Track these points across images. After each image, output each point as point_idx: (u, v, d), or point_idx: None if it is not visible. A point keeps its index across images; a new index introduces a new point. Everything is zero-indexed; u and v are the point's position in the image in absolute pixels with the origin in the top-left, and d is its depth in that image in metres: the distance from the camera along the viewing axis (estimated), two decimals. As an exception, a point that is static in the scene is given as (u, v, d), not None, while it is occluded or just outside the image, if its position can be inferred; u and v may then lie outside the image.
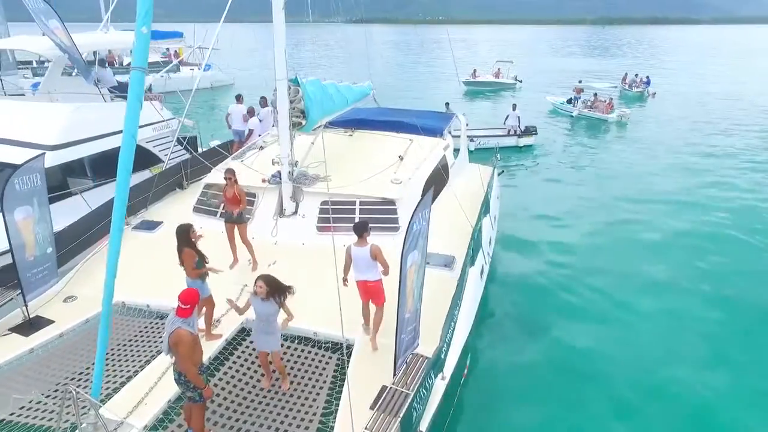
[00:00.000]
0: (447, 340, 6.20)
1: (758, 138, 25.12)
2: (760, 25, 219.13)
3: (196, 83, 12.02)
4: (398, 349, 5.49)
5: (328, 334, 6.76)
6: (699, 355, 9.10)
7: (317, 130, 10.16)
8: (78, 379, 6.18)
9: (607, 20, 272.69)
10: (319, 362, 6.51)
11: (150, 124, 12.69)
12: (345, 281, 6.57)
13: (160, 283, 7.51)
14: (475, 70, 40.77)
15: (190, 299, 4.79)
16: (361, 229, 6.45)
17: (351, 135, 11.90)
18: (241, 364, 6.46)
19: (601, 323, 10.03)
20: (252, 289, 5.84)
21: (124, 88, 13.47)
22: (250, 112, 14.28)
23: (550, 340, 9.43)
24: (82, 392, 4.37)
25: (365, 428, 4.92)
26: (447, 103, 22.86)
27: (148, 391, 5.69)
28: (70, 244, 8.49)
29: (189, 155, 12.83)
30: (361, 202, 8.82)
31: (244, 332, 6.97)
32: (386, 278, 6.59)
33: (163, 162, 12.25)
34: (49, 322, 6.99)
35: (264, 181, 9.27)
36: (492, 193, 11.35)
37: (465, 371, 7.17)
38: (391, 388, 5.39)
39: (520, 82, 40.96)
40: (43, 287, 7.32)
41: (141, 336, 6.99)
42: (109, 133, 11.22)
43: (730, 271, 12.02)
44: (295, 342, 6.82)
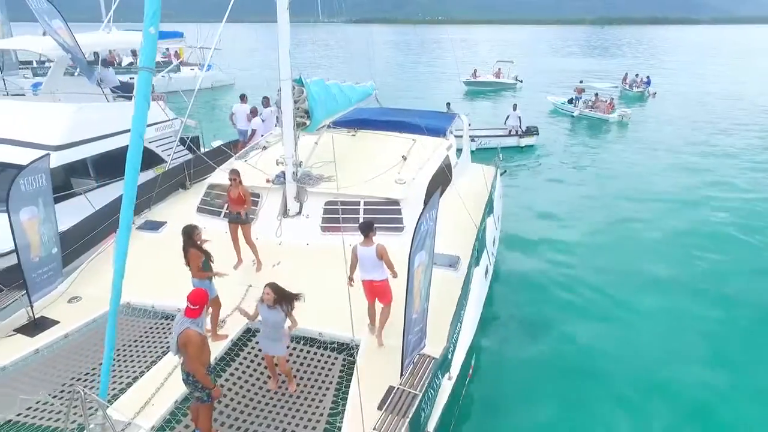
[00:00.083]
0: (453, 340, 6.20)
1: (758, 138, 25.14)
2: (759, 25, 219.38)
3: (198, 83, 11.99)
4: (405, 350, 5.49)
5: (334, 334, 6.76)
6: (701, 353, 9.12)
7: (321, 130, 10.16)
8: (84, 380, 6.17)
9: (606, 20, 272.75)
10: (325, 363, 6.50)
11: (153, 124, 12.67)
12: (351, 281, 6.56)
13: (164, 284, 7.51)
14: (475, 70, 40.76)
15: (199, 300, 4.79)
16: (367, 229, 6.45)
17: (354, 135, 11.90)
18: (248, 365, 6.46)
19: (604, 322, 10.04)
20: (260, 296, 5.84)
21: (127, 88, 13.48)
22: (253, 112, 14.27)
23: (554, 339, 9.44)
24: (90, 393, 4.36)
25: (374, 429, 4.91)
26: (448, 103, 22.82)
27: (155, 392, 5.68)
28: (74, 245, 8.48)
29: (191, 155, 12.84)
30: (366, 203, 8.82)
31: (250, 333, 6.96)
32: (392, 278, 6.61)
33: (166, 162, 12.23)
34: (54, 322, 6.98)
35: (268, 181, 9.27)
36: (495, 193, 11.35)
37: (470, 371, 7.17)
38: (398, 389, 5.38)
39: (521, 82, 40.94)
40: (48, 288, 7.31)
41: (146, 336, 6.99)
42: (112, 134, 11.21)
43: (731, 270, 12.04)
44: (301, 343, 6.82)
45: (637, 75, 39.04)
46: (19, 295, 7.05)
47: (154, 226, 9.48)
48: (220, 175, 9.90)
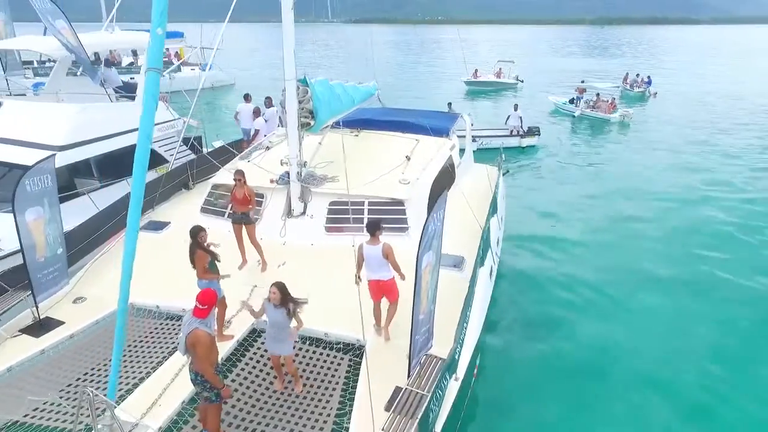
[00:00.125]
0: (460, 340, 6.20)
1: (758, 138, 25.19)
2: (759, 25, 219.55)
3: (201, 83, 12.00)
4: (412, 351, 5.48)
5: (340, 335, 6.75)
6: (704, 353, 9.14)
7: (324, 130, 10.15)
8: (90, 381, 6.16)
9: (606, 20, 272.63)
10: (331, 363, 6.50)
11: (156, 124, 12.65)
12: (358, 279, 6.58)
13: (169, 284, 7.50)
14: (476, 70, 40.74)
15: (208, 300, 4.78)
16: (373, 228, 6.49)
17: (357, 135, 11.88)
18: (254, 366, 6.46)
19: (607, 321, 10.07)
20: (266, 295, 5.84)
21: (130, 88, 13.46)
22: (256, 113, 14.27)
23: (557, 338, 9.46)
24: (99, 394, 4.35)
25: (382, 430, 4.91)
26: (449, 103, 22.79)
27: (162, 392, 5.67)
28: (78, 245, 8.47)
29: (194, 155, 12.82)
30: (370, 203, 8.81)
31: (256, 333, 6.96)
32: (398, 279, 6.62)
33: (169, 162, 12.22)
34: (59, 323, 6.97)
35: (272, 181, 9.25)
36: (499, 193, 11.35)
37: (475, 371, 7.17)
38: (406, 389, 5.38)
39: (522, 81, 40.91)
40: (53, 288, 7.29)
41: (152, 337, 6.98)
42: (116, 134, 11.20)
43: (734, 269, 12.08)
44: (307, 343, 6.81)
45: (637, 75, 39.04)
46: (25, 295, 7.04)
47: (158, 226, 9.47)
48: (224, 175, 9.90)
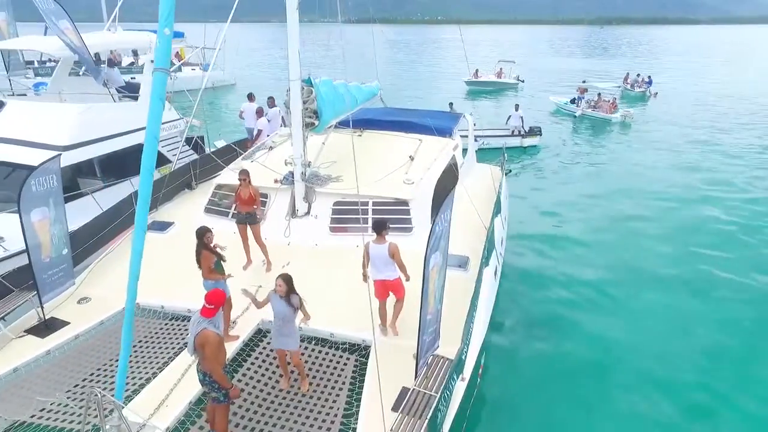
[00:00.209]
0: (467, 340, 6.20)
1: (758, 138, 25.21)
2: (758, 25, 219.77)
3: (203, 83, 11.99)
4: (420, 351, 5.48)
5: (345, 335, 6.74)
6: (709, 351, 9.17)
7: (327, 130, 10.14)
8: (96, 381, 6.15)
9: (605, 20, 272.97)
10: (337, 363, 6.49)
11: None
12: (365, 277, 6.61)
13: (174, 285, 7.49)
14: (477, 70, 40.75)
15: (215, 300, 4.78)
16: (380, 227, 6.52)
17: (360, 135, 11.87)
18: (260, 365, 6.45)
19: (610, 320, 10.08)
20: (273, 288, 5.86)
21: (132, 88, 13.44)
22: (259, 113, 14.27)
23: (561, 337, 9.48)
24: (106, 394, 4.34)
25: (390, 430, 4.90)
26: (451, 103, 22.78)
27: (169, 393, 5.66)
28: (82, 245, 8.45)
29: (196, 155, 12.80)
30: (374, 203, 8.80)
31: (261, 333, 6.95)
32: (404, 280, 6.63)
33: (172, 162, 12.21)
34: (64, 323, 6.95)
35: (276, 181, 9.24)
36: (502, 193, 11.35)
37: (480, 371, 7.17)
38: (414, 390, 5.37)
39: (522, 81, 40.93)
40: (59, 288, 7.27)
41: (157, 337, 6.97)
42: (119, 134, 11.19)
43: (739, 268, 12.13)
44: (312, 343, 6.80)
45: (638, 75, 39.07)
46: (30, 296, 7.02)
47: (162, 226, 9.45)
48: (227, 175, 9.89)
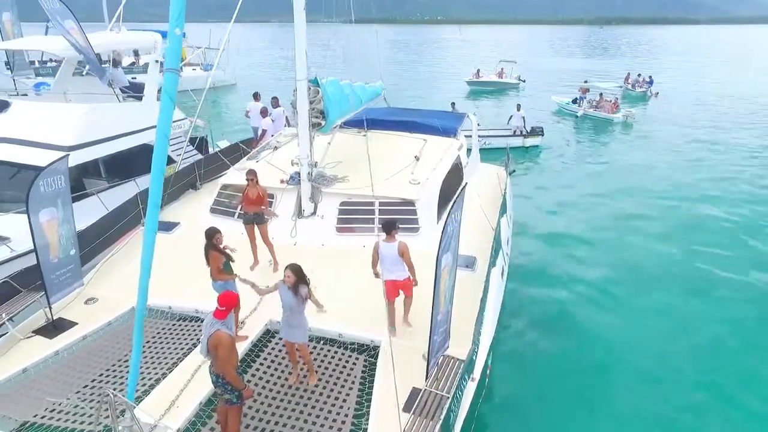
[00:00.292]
0: (477, 341, 6.20)
1: (758, 137, 25.26)
2: (757, 26, 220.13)
3: (207, 83, 11.97)
4: (430, 351, 5.47)
5: (354, 335, 6.74)
6: (716, 350, 9.22)
7: (333, 130, 10.14)
8: (105, 382, 6.14)
9: (604, 20, 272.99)
10: (346, 363, 6.48)
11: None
12: (376, 275, 6.67)
13: (181, 285, 7.48)
14: (478, 70, 40.79)
15: (228, 302, 4.78)
16: (390, 227, 6.58)
17: (365, 135, 11.86)
18: (269, 366, 6.43)
19: (615, 319, 10.10)
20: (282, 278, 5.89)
21: (136, 88, 13.43)
22: (263, 113, 14.29)
23: (566, 336, 9.50)
24: (119, 395, 4.33)
25: (403, 431, 4.89)
26: (453, 103, 22.83)
27: (179, 394, 5.65)
28: (88, 246, 8.44)
29: (200, 155, 12.79)
30: (381, 203, 8.79)
31: (269, 334, 6.94)
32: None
33: (176, 162, 12.19)
34: (72, 324, 6.94)
35: (282, 181, 9.23)
36: (507, 193, 11.35)
37: (488, 371, 7.17)
38: (425, 390, 5.35)
39: (524, 81, 40.95)
40: (67, 289, 7.26)
41: (165, 338, 6.96)
42: (124, 134, 11.18)
43: (742, 267, 12.17)
44: (321, 343, 6.80)
45: (639, 75, 39.09)
46: (38, 296, 7.01)
47: (168, 227, 9.43)
48: (233, 175, 9.88)
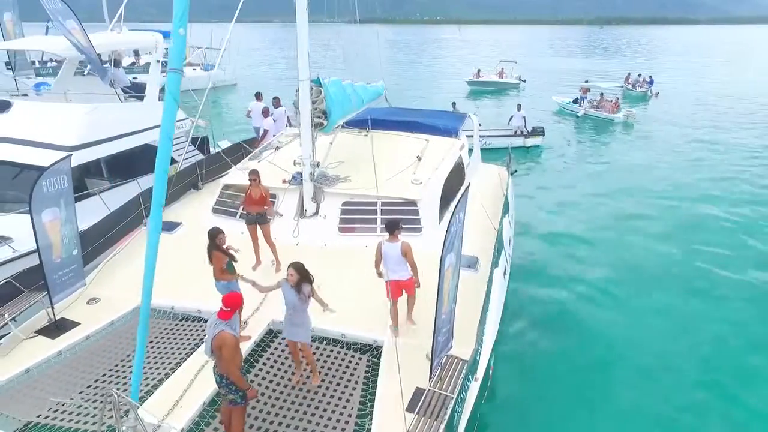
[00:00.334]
0: (480, 341, 6.20)
1: (758, 136, 25.27)
2: (757, 26, 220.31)
3: (209, 83, 11.96)
4: (434, 351, 5.47)
5: (356, 335, 6.74)
6: (721, 350, 9.21)
7: (335, 130, 10.14)
8: (108, 382, 6.14)
9: (604, 20, 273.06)
10: (349, 363, 6.48)
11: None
12: (380, 275, 6.68)
13: (184, 285, 7.48)
14: (479, 70, 40.81)
15: (232, 303, 4.78)
16: (393, 227, 6.60)
17: (366, 135, 11.86)
18: (272, 366, 6.43)
19: (615, 319, 10.11)
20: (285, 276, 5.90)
21: (137, 88, 13.42)
22: (265, 113, 14.29)
23: (568, 337, 9.50)
24: (123, 395, 4.33)
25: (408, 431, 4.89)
26: (453, 103, 22.82)
27: (182, 394, 5.64)
28: (90, 246, 8.44)
29: (202, 155, 12.78)
30: (383, 203, 8.79)
31: (272, 334, 6.94)
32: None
33: (178, 162, 12.18)
34: (75, 324, 6.94)
35: (285, 181, 9.23)
36: (509, 194, 11.36)
37: (491, 371, 7.17)
38: (429, 391, 5.35)
39: (524, 81, 40.95)
40: (70, 289, 7.25)
41: (167, 338, 6.95)
42: (126, 134, 11.18)
43: (744, 267, 12.18)
44: (324, 343, 6.80)
45: (639, 75, 39.10)
46: (40, 296, 7.00)
47: (170, 227, 9.42)
48: (235, 175, 9.88)
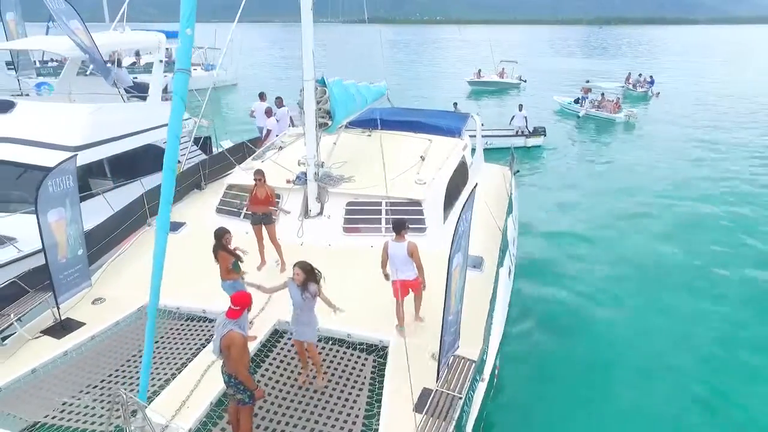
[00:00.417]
0: (486, 341, 6.19)
1: (759, 136, 25.33)
2: (756, 26, 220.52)
3: (212, 83, 11.99)
4: (441, 351, 5.47)
5: (362, 335, 6.73)
6: (726, 351, 9.22)
7: (338, 130, 10.13)
8: (114, 382, 6.13)
9: (603, 20, 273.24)
10: (356, 363, 6.47)
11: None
12: (386, 276, 6.68)
13: (189, 285, 7.47)
14: (479, 70, 40.81)
15: (241, 302, 4.78)
16: (399, 227, 6.61)
17: (369, 135, 11.86)
18: (278, 366, 6.42)
19: (618, 318, 10.15)
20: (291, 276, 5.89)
21: (141, 89, 13.42)
22: (268, 113, 14.30)
23: (572, 336, 9.53)
24: (131, 395, 4.33)
25: None
26: (455, 103, 22.78)
27: (189, 394, 5.64)
28: (95, 246, 8.44)
29: (204, 155, 12.77)
30: (387, 203, 8.78)
31: (278, 334, 6.93)
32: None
33: (181, 163, 12.17)
34: (80, 324, 6.93)
35: (289, 181, 9.23)
36: (513, 193, 11.36)
37: (497, 371, 7.16)
38: (437, 391, 5.35)
39: (525, 81, 40.97)
40: (75, 289, 7.25)
41: (173, 338, 6.95)
42: (129, 134, 11.18)
43: (746, 266, 12.22)
44: (330, 343, 6.79)
45: (640, 75, 39.11)
46: (46, 296, 7.00)
47: (174, 227, 9.39)
48: (238, 175, 9.87)
